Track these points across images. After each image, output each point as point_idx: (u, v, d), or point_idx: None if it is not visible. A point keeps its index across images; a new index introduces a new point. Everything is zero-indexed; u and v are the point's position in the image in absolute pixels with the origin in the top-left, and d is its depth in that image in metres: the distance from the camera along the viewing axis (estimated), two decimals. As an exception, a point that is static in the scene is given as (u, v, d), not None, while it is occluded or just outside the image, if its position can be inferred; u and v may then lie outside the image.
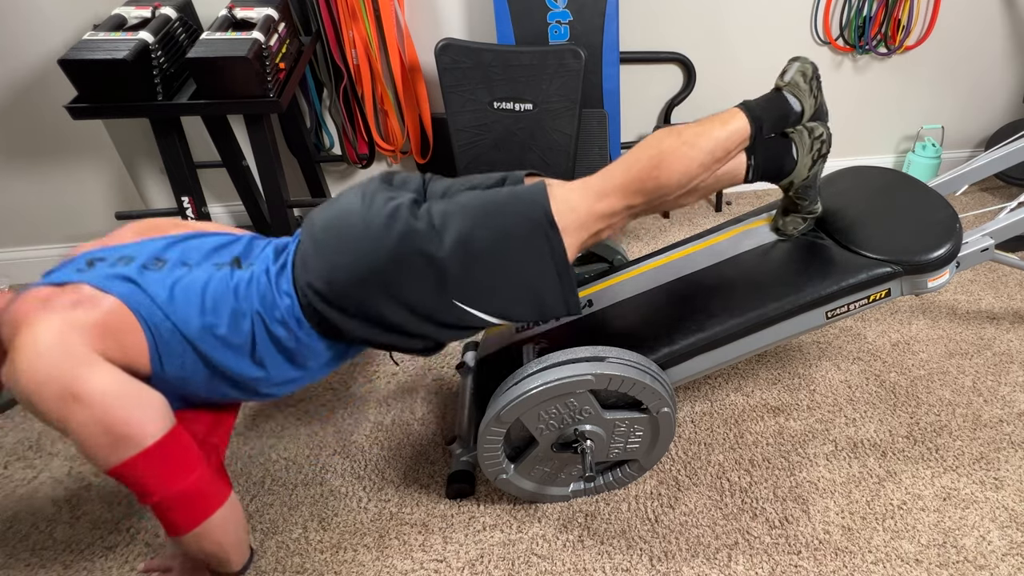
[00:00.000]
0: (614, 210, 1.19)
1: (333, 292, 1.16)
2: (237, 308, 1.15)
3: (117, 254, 1.16)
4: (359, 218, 1.17)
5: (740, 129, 1.22)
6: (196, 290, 1.14)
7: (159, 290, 1.11)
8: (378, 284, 1.15)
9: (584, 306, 1.56)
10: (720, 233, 1.62)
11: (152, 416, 1.03)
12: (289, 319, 1.18)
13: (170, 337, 1.11)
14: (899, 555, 1.33)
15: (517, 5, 1.94)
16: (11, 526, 1.46)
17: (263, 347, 1.19)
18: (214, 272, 1.17)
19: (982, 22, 2.29)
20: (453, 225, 1.15)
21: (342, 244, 1.16)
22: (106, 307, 1.06)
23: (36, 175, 2.03)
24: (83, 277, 1.09)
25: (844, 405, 1.66)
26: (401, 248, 1.13)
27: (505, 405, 1.24)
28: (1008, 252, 1.75)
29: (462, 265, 1.15)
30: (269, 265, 1.20)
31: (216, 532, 1.11)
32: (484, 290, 1.18)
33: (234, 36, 1.59)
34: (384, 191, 1.22)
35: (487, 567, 1.34)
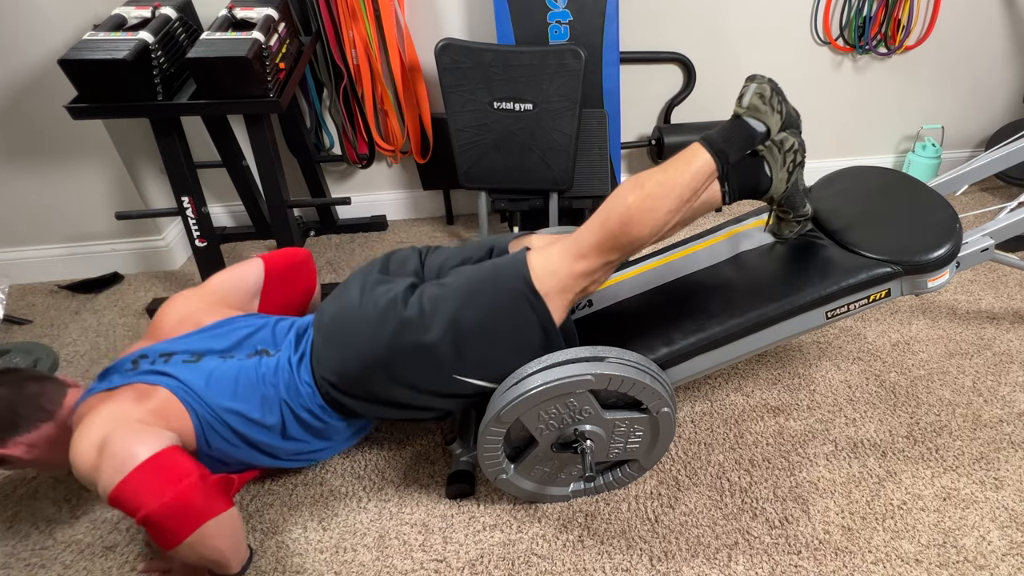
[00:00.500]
0: (593, 268, 1.24)
1: (344, 382, 1.30)
2: (266, 394, 1.30)
3: (159, 350, 1.32)
4: (358, 315, 1.30)
5: (703, 166, 1.22)
6: (229, 379, 1.29)
7: (197, 380, 1.27)
8: (382, 372, 1.28)
9: (584, 306, 1.56)
10: (720, 233, 1.62)
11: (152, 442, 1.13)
12: (312, 406, 1.33)
13: (212, 419, 1.26)
14: (899, 555, 1.33)
15: (517, 5, 1.94)
16: (11, 526, 1.46)
17: (292, 428, 1.34)
18: (244, 362, 1.33)
19: (982, 22, 2.29)
20: (442, 310, 1.25)
21: (346, 340, 1.29)
22: (160, 396, 1.23)
23: (36, 175, 2.03)
24: (132, 378, 1.26)
25: (844, 405, 1.66)
26: (396, 341, 1.25)
27: (505, 405, 1.24)
28: (1008, 252, 1.75)
29: (453, 345, 1.25)
30: (291, 355, 1.35)
31: (213, 539, 1.14)
32: (479, 362, 1.28)
33: (234, 36, 1.59)
34: (382, 283, 1.34)
35: (487, 567, 1.34)
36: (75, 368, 1.87)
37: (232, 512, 1.18)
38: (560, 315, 1.27)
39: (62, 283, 2.20)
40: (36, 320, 2.06)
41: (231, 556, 1.21)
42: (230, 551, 1.20)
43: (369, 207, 2.46)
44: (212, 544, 1.14)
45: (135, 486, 1.08)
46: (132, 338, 1.98)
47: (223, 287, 1.50)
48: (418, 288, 1.32)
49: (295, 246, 1.91)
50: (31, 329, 2.03)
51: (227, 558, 1.20)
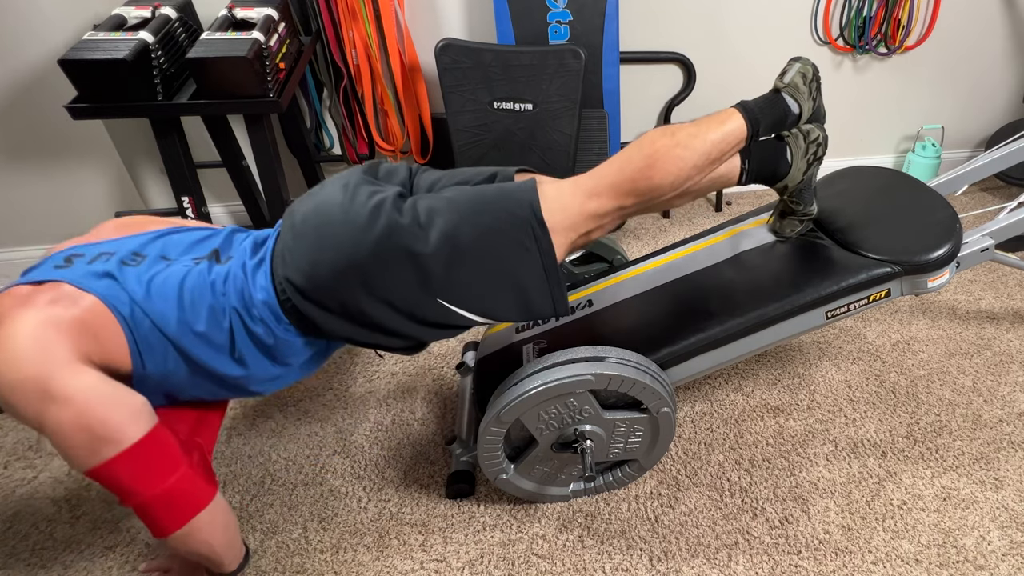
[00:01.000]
0: (605, 210, 1.16)
1: (312, 287, 1.13)
2: (215, 304, 1.13)
3: (96, 250, 1.14)
4: (340, 211, 1.13)
5: (736, 130, 1.20)
6: (173, 286, 1.11)
7: (136, 286, 1.09)
8: (359, 280, 1.12)
9: (584, 306, 1.56)
10: (720, 233, 1.62)
11: (132, 417, 1.01)
12: (267, 315, 1.15)
13: (149, 334, 1.09)
14: (899, 555, 1.33)
15: (517, 5, 1.94)
16: (11, 526, 1.46)
17: (242, 344, 1.16)
18: (192, 267, 1.14)
19: (982, 22, 2.29)
20: (439, 221, 1.12)
21: (322, 239, 1.13)
22: (84, 305, 1.04)
23: (36, 175, 2.03)
24: (61, 275, 1.07)
25: (844, 405, 1.66)
26: (384, 244, 1.10)
27: (505, 405, 1.23)
28: (1008, 252, 1.75)
29: (447, 262, 1.12)
30: (247, 259, 1.17)
31: (203, 532, 1.08)
32: (469, 288, 1.15)
33: (234, 36, 1.59)
34: (368, 183, 1.18)
35: (487, 567, 1.34)
36: (75, 368, 1.87)
37: (219, 500, 1.11)
38: (561, 254, 1.18)
39: (62, 283, 2.20)
40: (36, 320, 2.06)
41: (222, 551, 1.15)
42: (220, 545, 1.14)
43: (369, 207, 2.45)
44: (201, 538, 1.09)
45: (126, 470, 1.00)
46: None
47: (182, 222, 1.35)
48: (409, 198, 1.18)
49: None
50: (31, 329, 2.02)
51: (218, 552, 1.14)
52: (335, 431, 1.66)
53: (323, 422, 1.68)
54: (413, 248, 1.10)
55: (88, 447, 0.98)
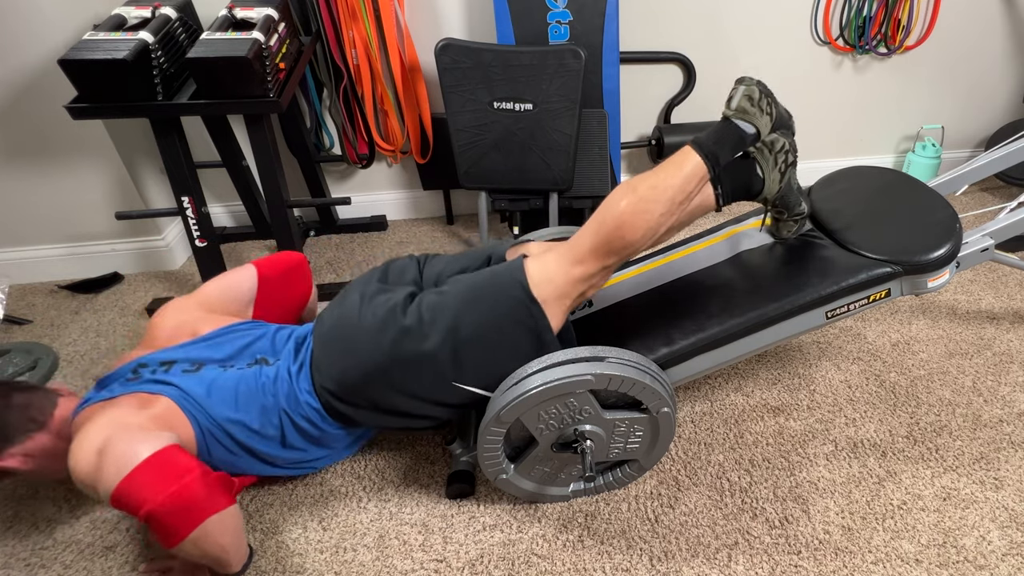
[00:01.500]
0: (590, 273, 1.24)
1: (344, 391, 1.31)
2: (265, 404, 1.31)
3: (157, 360, 1.33)
4: (358, 323, 1.31)
5: (695, 169, 1.23)
6: (230, 388, 1.29)
7: (198, 389, 1.27)
8: (382, 380, 1.29)
9: (584, 306, 1.56)
10: (720, 233, 1.62)
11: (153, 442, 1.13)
12: (312, 415, 1.34)
13: (213, 428, 1.27)
14: (899, 555, 1.33)
15: (517, 5, 1.94)
16: (11, 526, 1.46)
17: (291, 436, 1.35)
18: (244, 371, 1.33)
19: (982, 22, 2.29)
20: (441, 318, 1.26)
21: (346, 348, 1.30)
22: (160, 405, 1.23)
23: (36, 175, 2.03)
24: (132, 387, 1.25)
25: (844, 405, 1.66)
26: (396, 349, 1.26)
27: (505, 405, 1.24)
28: (1008, 252, 1.75)
29: (452, 353, 1.26)
30: (291, 364, 1.35)
31: (215, 535, 1.13)
32: (478, 369, 1.28)
33: (234, 36, 1.59)
34: (381, 292, 1.36)
35: (487, 567, 1.34)
36: (75, 368, 1.87)
37: (233, 509, 1.18)
38: (558, 322, 1.28)
39: (62, 283, 2.20)
40: (36, 320, 2.06)
41: (232, 554, 1.21)
42: (232, 548, 1.19)
43: (369, 207, 2.46)
44: (214, 540, 1.14)
45: (137, 483, 1.08)
46: (132, 338, 1.98)
47: (217, 295, 1.50)
48: (417, 297, 1.33)
49: (295, 246, 1.91)
50: (31, 329, 2.03)
51: (228, 555, 1.19)
52: (335, 431, 1.66)
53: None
54: (422, 348, 1.26)
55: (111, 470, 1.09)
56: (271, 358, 1.38)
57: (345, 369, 1.29)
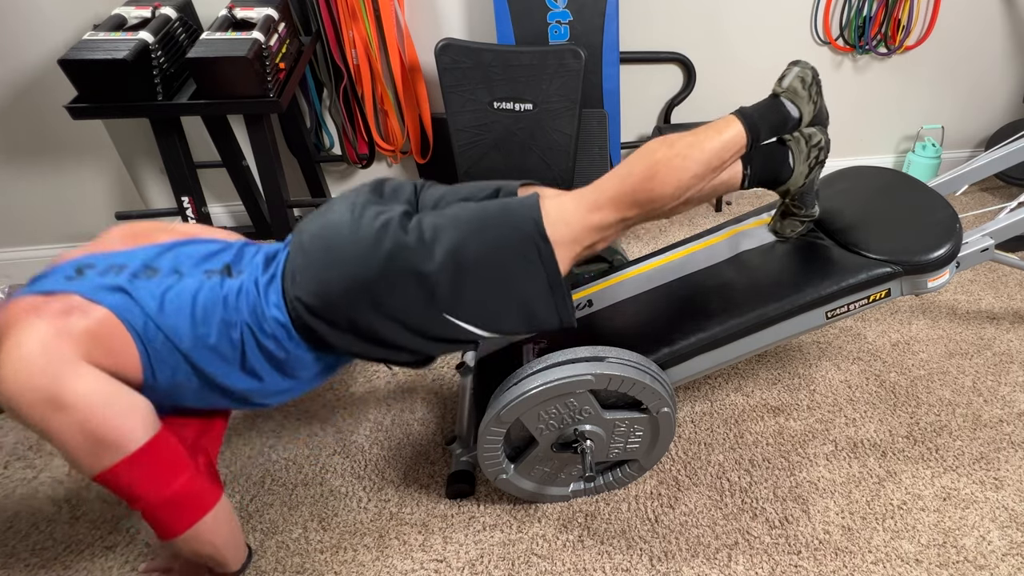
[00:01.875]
0: (608, 223, 1.17)
1: (322, 306, 1.15)
2: (227, 318, 1.14)
3: (107, 262, 1.14)
4: (348, 232, 1.15)
5: (736, 138, 1.19)
6: (187, 300, 1.12)
7: (150, 300, 1.09)
8: (368, 299, 1.14)
9: (584, 306, 1.56)
10: (720, 233, 1.62)
11: (137, 421, 1.02)
12: (278, 331, 1.17)
13: (161, 347, 1.10)
14: (899, 555, 1.33)
15: (517, 5, 1.93)
16: (11, 526, 1.46)
17: (253, 358, 1.17)
18: (204, 281, 1.15)
19: (982, 22, 2.29)
20: (444, 239, 1.14)
21: (331, 258, 1.15)
22: (96, 317, 1.04)
23: (36, 175, 2.03)
24: (73, 286, 1.07)
25: (844, 405, 1.66)
26: (390, 264, 1.12)
27: (505, 405, 1.23)
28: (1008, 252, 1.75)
29: (452, 279, 1.14)
30: (258, 275, 1.19)
31: (208, 534, 1.10)
32: (475, 304, 1.17)
33: (234, 36, 1.59)
34: (374, 203, 1.20)
35: (487, 567, 1.34)
36: (75, 368, 1.87)
37: (224, 503, 1.14)
38: (565, 268, 1.19)
39: (62, 283, 2.20)
40: (36, 320, 2.06)
41: (226, 551, 1.17)
42: (224, 546, 1.16)
43: (369, 207, 2.45)
44: (207, 539, 1.11)
45: (131, 475, 1.01)
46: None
47: (190, 229, 1.37)
48: (415, 216, 1.20)
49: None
50: (31, 329, 2.02)
51: (222, 553, 1.16)
52: (335, 431, 1.66)
53: (323, 422, 1.68)
54: (418, 267, 1.12)
55: (93, 453, 0.98)
56: (236, 269, 1.21)
57: (326, 281, 1.14)
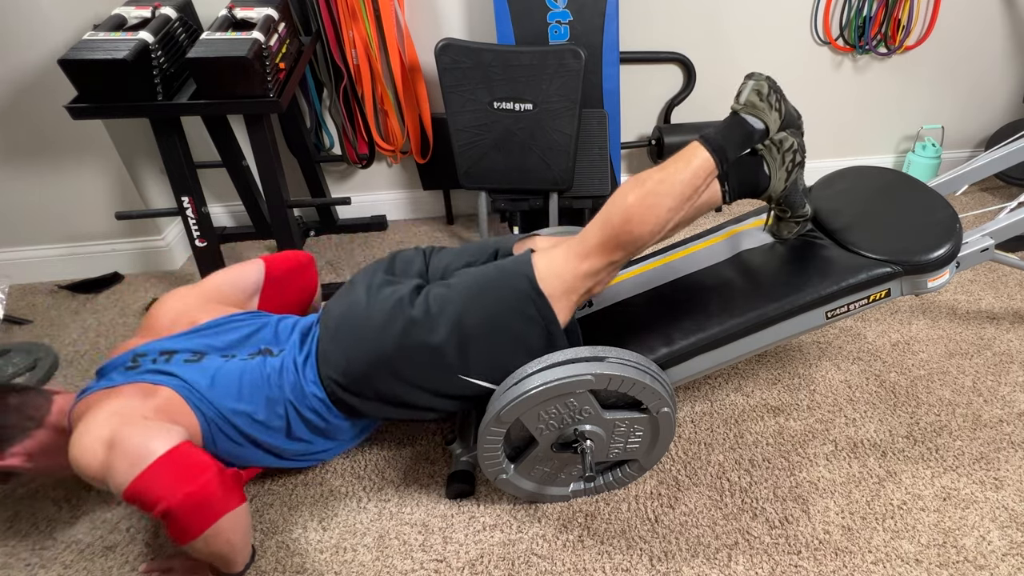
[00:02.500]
0: (597, 268, 1.25)
1: (350, 381, 1.30)
2: (271, 395, 1.29)
3: (157, 349, 1.30)
4: (364, 313, 1.30)
5: (703, 164, 1.23)
6: (234, 379, 1.28)
7: (202, 380, 1.25)
8: (388, 371, 1.28)
9: (584, 306, 1.56)
10: (720, 233, 1.62)
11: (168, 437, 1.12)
12: (317, 405, 1.33)
13: (218, 420, 1.25)
14: (899, 555, 1.33)
15: (517, 5, 1.93)
16: (11, 526, 1.46)
17: (297, 428, 1.34)
18: (248, 361, 1.31)
19: (982, 22, 2.29)
20: (448, 310, 1.26)
21: (353, 339, 1.29)
22: (163, 396, 1.21)
23: (36, 175, 2.03)
24: (133, 376, 1.24)
25: (844, 405, 1.66)
26: (404, 340, 1.26)
27: (505, 405, 1.24)
28: (1008, 252, 1.75)
29: (459, 346, 1.26)
30: (296, 356, 1.34)
31: (227, 532, 1.14)
32: (484, 362, 1.28)
33: (234, 36, 1.59)
34: (388, 283, 1.35)
35: (487, 567, 1.34)
36: (75, 368, 1.87)
37: (245, 507, 1.18)
38: (565, 316, 1.27)
39: (62, 283, 2.20)
40: (36, 320, 2.06)
41: (239, 551, 1.21)
42: (240, 546, 1.20)
43: (369, 207, 2.46)
44: (225, 538, 1.14)
45: (155, 480, 1.07)
46: (132, 338, 1.98)
47: (221, 285, 1.49)
48: (424, 289, 1.33)
49: (295, 246, 1.91)
50: (31, 329, 2.03)
51: (236, 553, 1.20)
52: (335, 431, 1.66)
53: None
54: (427, 339, 1.25)
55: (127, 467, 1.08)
56: (275, 348, 1.37)
57: (352, 359, 1.29)
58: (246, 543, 1.23)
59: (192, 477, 1.09)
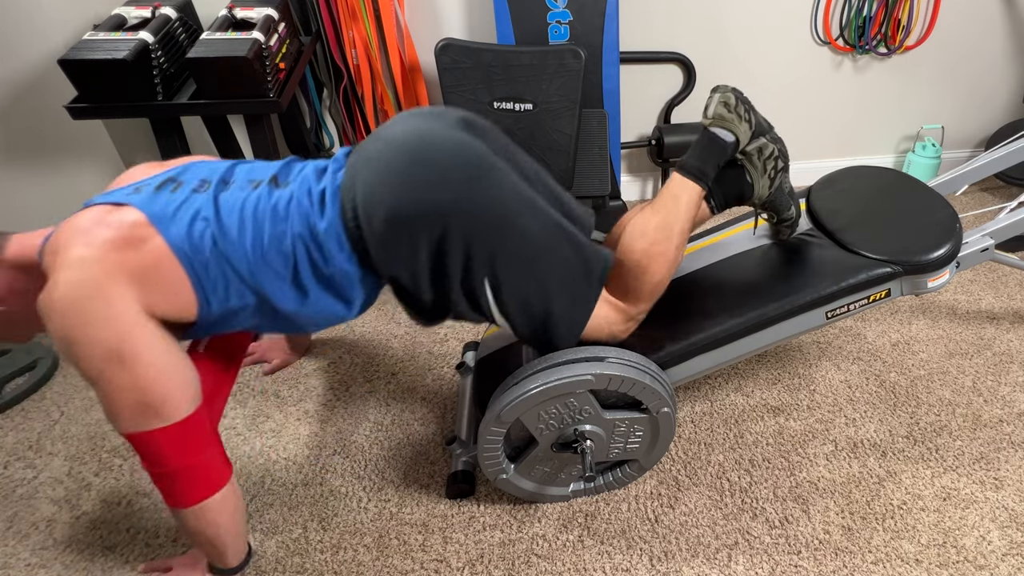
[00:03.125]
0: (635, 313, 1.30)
1: (388, 218, 1.08)
2: (277, 228, 1.09)
3: (160, 179, 1.12)
4: (453, 155, 1.10)
5: (692, 194, 1.27)
6: (236, 207, 1.08)
7: (207, 207, 1.07)
8: (437, 229, 1.09)
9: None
10: (720, 233, 1.62)
11: (188, 393, 1.04)
12: (330, 243, 1.11)
13: (214, 268, 1.06)
14: (899, 555, 1.33)
15: (517, 5, 1.93)
16: (11, 526, 1.46)
17: (304, 271, 1.13)
18: (251, 191, 1.11)
19: (982, 22, 2.29)
20: (541, 219, 1.14)
21: (432, 177, 1.08)
22: (154, 252, 1.02)
23: (36, 175, 2.03)
24: (131, 199, 1.05)
25: (844, 405, 1.66)
26: (487, 202, 1.09)
27: (505, 405, 1.23)
28: (1008, 252, 1.75)
29: (520, 249, 1.13)
30: (311, 186, 1.13)
31: (213, 513, 1.11)
32: (515, 286, 1.15)
33: (234, 36, 1.59)
34: (478, 137, 1.16)
35: (487, 567, 1.34)
36: (75, 368, 1.87)
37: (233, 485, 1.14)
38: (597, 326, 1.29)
39: (62, 283, 2.20)
40: (36, 320, 2.06)
41: (227, 538, 1.17)
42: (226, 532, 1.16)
43: (369, 207, 2.45)
44: (211, 518, 1.12)
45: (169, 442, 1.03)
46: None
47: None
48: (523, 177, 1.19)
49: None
50: (31, 329, 2.02)
51: (223, 539, 1.16)
52: (335, 431, 1.66)
53: (323, 422, 1.68)
54: (513, 219, 1.11)
55: (138, 414, 1.00)
56: (283, 180, 1.16)
57: (418, 201, 1.07)
58: (231, 531, 1.17)
59: (199, 449, 1.06)
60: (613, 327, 1.29)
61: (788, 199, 1.41)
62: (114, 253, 0.98)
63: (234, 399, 1.75)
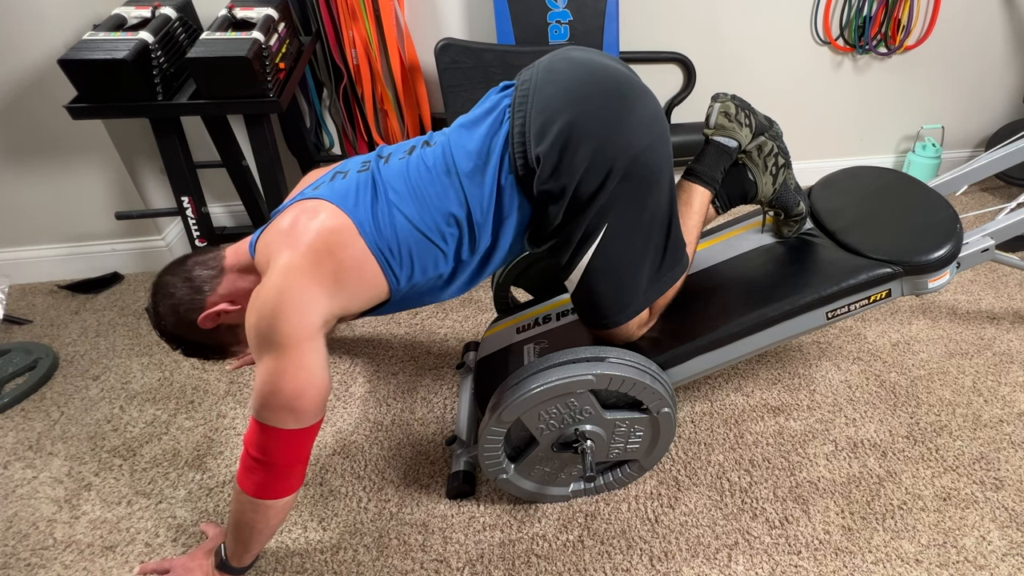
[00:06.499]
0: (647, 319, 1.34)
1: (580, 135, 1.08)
2: (441, 186, 1.14)
3: (328, 175, 1.23)
4: (655, 109, 1.17)
5: (703, 199, 1.33)
6: (400, 175, 1.15)
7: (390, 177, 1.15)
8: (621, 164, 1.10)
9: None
10: (720, 234, 1.62)
11: (322, 405, 1.09)
12: (493, 186, 1.13)
13: (391, 239, 1.11)
14: (899, 555, 1.33)
15: (517, 5, 1.93)
16: (11, 526, 1.45)
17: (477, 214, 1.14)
18: (408, 159, 1.18)
19: (982, 22, 2.29)
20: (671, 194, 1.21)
21: (634, 118, 1.11)
22: (356, 255, 1.09)
23: (36, 175, 2.03)
24: (318, 194, 1.15)
25: (844, 405, 1.66)
26: (659, 160, 1.15)
27: (505, 405, 1.23)
28: (1008, 252, 1.75)
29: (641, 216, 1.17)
30: (464, 138, 1.18)
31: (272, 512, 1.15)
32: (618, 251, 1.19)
33: (234, 36, 1.59)
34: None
35: (487, 567, 1.34)
36: (75, 368, 1.87)
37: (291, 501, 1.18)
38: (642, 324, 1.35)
39: (62, 283, 2.20)
40: (36, 320, 2.06)
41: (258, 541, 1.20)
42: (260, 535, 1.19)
43: (369, 207, 2.45)
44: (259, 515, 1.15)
45: (289, 441, 1.08)
46: (132, 338, 1.98)
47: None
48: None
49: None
50: (31, 329, 2.02)
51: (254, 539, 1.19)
52: (335, 431, 1.66)
53: (323, 422, 1.68)
54: (663, 185, 1.16)
55: (284, 412, 1.05)
56: (432, 141, 1.22)
57: (616, 133, 1.09)
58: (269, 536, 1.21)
59: (304, 456, 1.12)
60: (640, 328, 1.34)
61: (795, 195, 1.42)
62: (316, 262, 1.06)
63: (234, 399, 1.75)
